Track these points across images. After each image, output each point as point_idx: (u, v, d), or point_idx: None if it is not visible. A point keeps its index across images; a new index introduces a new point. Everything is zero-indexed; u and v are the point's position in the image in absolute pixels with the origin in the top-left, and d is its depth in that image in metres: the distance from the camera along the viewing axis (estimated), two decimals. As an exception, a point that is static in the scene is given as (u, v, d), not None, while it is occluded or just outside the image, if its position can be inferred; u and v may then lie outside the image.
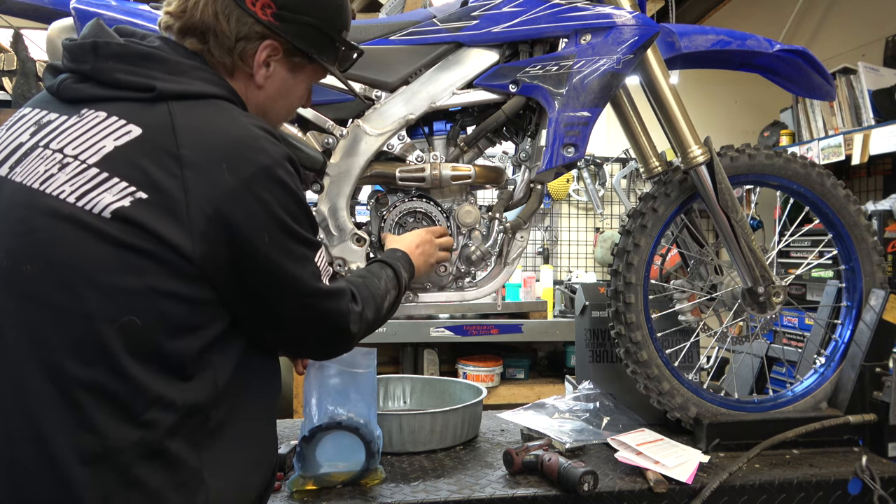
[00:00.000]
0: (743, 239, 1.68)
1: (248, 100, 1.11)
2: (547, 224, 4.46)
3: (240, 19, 1.05)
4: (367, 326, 1.17)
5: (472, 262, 1.60)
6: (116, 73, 0.97)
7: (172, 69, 0.99)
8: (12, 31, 3.18)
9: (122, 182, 0.90)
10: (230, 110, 1.00)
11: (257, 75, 1.09)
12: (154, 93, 0.95)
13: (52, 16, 1.44)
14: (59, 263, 0.88)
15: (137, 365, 0.88)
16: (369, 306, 1.17)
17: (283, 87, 1.14)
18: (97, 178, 0.90)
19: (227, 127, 0.97)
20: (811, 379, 1.83)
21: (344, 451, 1.40)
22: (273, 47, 1.08)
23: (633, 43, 1.55)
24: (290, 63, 1.13)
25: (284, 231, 0.98)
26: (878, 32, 3.45)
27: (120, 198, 0.89)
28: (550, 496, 1.40)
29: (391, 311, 1.31)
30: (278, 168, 0.97)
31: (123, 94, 0.96)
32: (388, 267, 1.34)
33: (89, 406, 0.86)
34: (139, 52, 0.99)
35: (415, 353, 3.73)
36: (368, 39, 1.57)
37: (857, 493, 1.51)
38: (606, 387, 1.88)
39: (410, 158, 1.58)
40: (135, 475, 0.87)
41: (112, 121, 0.94)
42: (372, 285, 1.23)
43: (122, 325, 0.87)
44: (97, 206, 0.89)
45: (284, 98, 1.17)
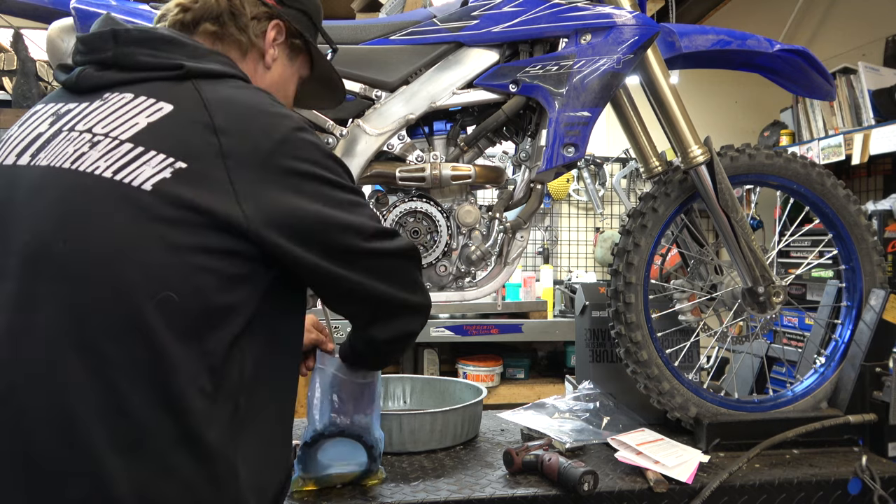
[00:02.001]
0: (743, 239, 1.68)
1: (256, 82, 1.14)
2: (547, 224, 4.47)
3: (250, 1, 1.13)
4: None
5: (472, 261, 1.60)
6: (140, 56, 0.98)
7: (193, 53, 1.01)
8: (12, 31, 3.18)
9: (159, 154, 0.89)
10: (248, 86, 1.04)
11: (267, 55, 1.16)
12: (183, 70, 0.97)
13: (52, 16, 1.44)
14: (96, 239, 0.87)
15: (177, 344, 0.86)
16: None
17: (284, 73, 1.20)
18: (133, 153, 0.90)
19: (252, 98, 0.99)
20: (811, 379, 1.83)
21: (345, 453, 1.40)
22: (279, 28, 1.16)
23: (633, 43, 1.55)
24: (290, 47, 1.20)
25: (327, 183, 0.99)
26: (878, 32, 3.45)
27: (160, 170, 0.88)
28: (550, 496, 1.40)
29: None
30: (303, 131, 1.00)
31: (148, 76, 0.97)
32: None
33: (125, 389, 0.84)
34: (161, 37, 1.01)
35: (415, 353, 3.73)
36: (368, 39, 1.57)
37: (857, 493, 1.51)
38: (606, 387, 1.88)
39: (410, 158, 1.58)
40: (170, 464, 0.85)
41: (141, 100, 0.94)
42: None
43: (161, 301, 0.86)
44: (137, 179, 0.88)
45: (283, 88, 1.21)
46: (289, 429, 1.07)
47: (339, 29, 1.57)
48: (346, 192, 1.02)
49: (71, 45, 1.41)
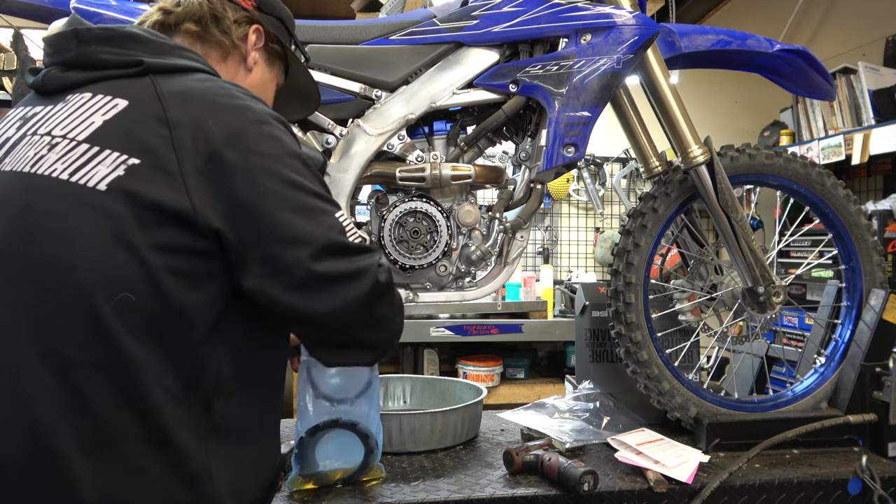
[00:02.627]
0: (743, 239, 1.68)
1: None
2: (547, 224, 4.47)
3: (230, 5, 1.15)
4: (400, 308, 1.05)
5: (472, 261, 1.60)
6: (100, 54, 0.97)
7: (156, 49, 1.00)
8: (12, 30, 3.18)
9: (114, 152, 0.89)
10: (212, 77, 1.01)
11: (249, 57, 1.17)
12: (142, 66, 0.96)
13: (52, 16, 1.44)
14: (54, 242, 0.87)
15: (137, 345, 0.86)
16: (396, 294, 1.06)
17: (263, 77, 1.21)
18: (89, 153, 0.90)
19: (211, 88, 0.96)
20: (811, 379, 1.83)
21: (342, 448, 1.40)
22: (259, 32, 1.17)
23: (633, 43, 1.55)
24: (268, 52, 1.21)
25: (285, 182, 0.93)
26: (878, 32, 3.45)
27: (114, 168, 0.88)
28: (550, 496, 1.40)
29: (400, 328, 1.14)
30: (266, 125, 0.95)
31: (108, 73, 0.97)
32: None
33: (89, 390, 0.84)
34: (122, 34, 1.00)
35: (415, 353, 3.73)
36: (368, 39, 1.57)
37: (857, 493, 1.51)
38: (606, 387, 1.88)
39: (410, 158, 1.58)
40: (138, 465, 0.85)
41: (98, 98, 0.94)
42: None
43: (119, 302, 0.85)
44: (92, 180, 0.88)
45: (263, 92, 1.21)
46: (274, 432, 1.05)
47: (339, 29, 1.57)
48: (305, 194, 0.95)
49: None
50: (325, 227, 0.95)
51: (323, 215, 0.96)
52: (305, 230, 0.93)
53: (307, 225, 0.93)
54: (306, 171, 0.97)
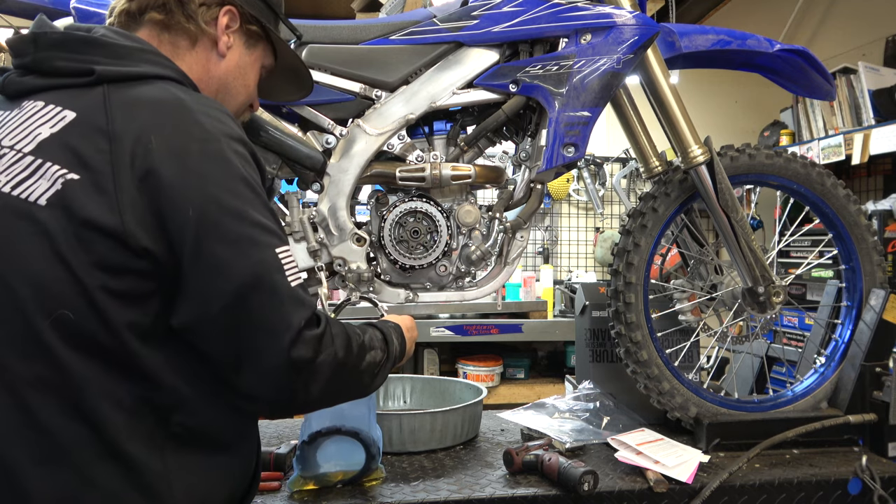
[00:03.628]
0: (743, 239, 1.68)
1: (209, 73, 1.10)
2: (547, 224, 4.46)
3: None
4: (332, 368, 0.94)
5: (473, 261, 1.60)
6: (55, 61, 0.96)
7: (114, 52, 0.97)
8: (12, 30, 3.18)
9: (55, 166, 0.88)
10: (169, 87, 0.96)
11: (220, 42, 1.09)
12: (93, 76, 0.94)
13: (53, 16, 1.44)
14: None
15: (80, 360, 0.85)
16: (339, 342, 0.97)
17: (241, 61, 1.14)
18: (32, 166, 0.89)
19: (162, 99, 0.93)
20: (811, 379, 1.83)
21: (344, 452, 1.40)
22: (232, 13, 1.10)
23: (633, 43, 1.55)
24: (246, 34, 1.14)
25: (221, 209, 0.88)
26: (878, 32, 3.45)
27: (53, 182, 0.87)
28: (550, 496, 1.40)
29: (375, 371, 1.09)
30: (217, 142, 0.91)
31: (62, 82, 0.95)
32: (375, 329, 1.16)
33: (37, 404, 0.84)
34: (79, 39, 0.97)
35: (415, 353, 3.73)
36: (368, 39, 1.57)
37: (857, 493, 1.51)
38: (606, 386, 1.88)
39: (410, 158, 1.58)
40: (92, 477, 0.85)
41: (48, 108, 0.93)
42: (351, 329, 1.04)
43: (56, 319, 0.84)
44: (33, 194, 0.87)
45: (241, 77, 1.15)
46: (246, 440, 1.02)
47: (339, 29, 1.57)
48: (241, 222, 0.89)
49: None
50: (253, 261, 0.89)
51: (254, 248, 0.89)
52: (231, 262, 0.87)
53: (234, 257, 0.88)
54: (251, 198, 0.92)
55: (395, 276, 1.62)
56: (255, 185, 0.94)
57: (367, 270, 1.56)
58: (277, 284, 0.90)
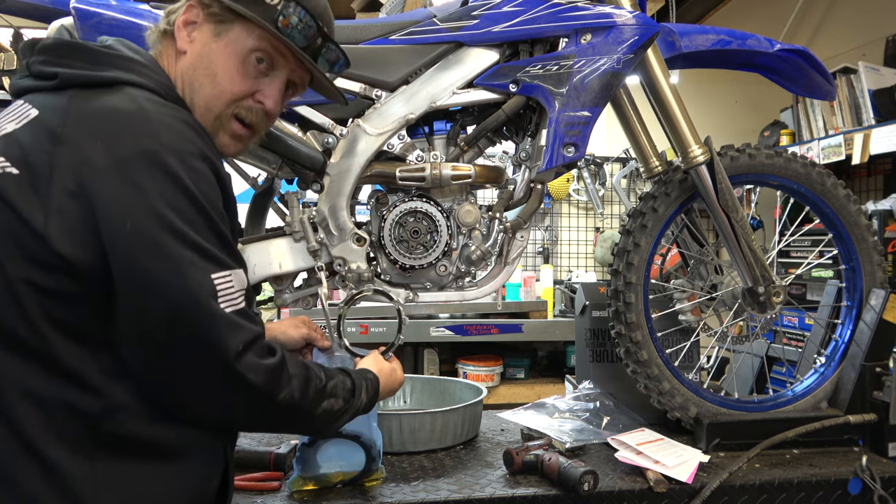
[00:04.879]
0: (743, 238, 1.68)
1: (175, 71, 1.08)
2: (547, 224, 4.46)
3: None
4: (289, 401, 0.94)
5: (473, 261, 1.60)
6: (37, 64, 0.99)
7: (93, 59, 0.99)
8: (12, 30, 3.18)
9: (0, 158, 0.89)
10: (135, 94, 0.96)
11: (179, 39, 1.08)
12: (55, 80, 0.96)
13: (53, 15, 1.44)
14: None
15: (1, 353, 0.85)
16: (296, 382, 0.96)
17: (204, 52, 1.07)
18: None
19: (119, 108, 0.92)
20: (811, 379, 1.83)
21: (344, 453, 1.40)
22: (193, 6, 1.08)
23: (633, 42, 1.55)
24: (212, 21, 1.07)
25: (161, 226, 0.86)
26: (878, 32, 3.45)
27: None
28: (550, 496, 1.40)
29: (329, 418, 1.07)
30: (168, 155, 0.88)
31: (39, 84, 0.98)
32: (348, 378, 1.14)
33: None
34: (66, 45, 1.01)
35: (415, 353, 3.73)
36: (368, 39, 1.57)
37: (857, 493, 1.51)
38: (606, 386, 1.88)
39: (410, 158, 1.58)
40: (7, 475, 0.84)
41: (23, 107, 0.96)
42: (313, 373, 1.04)
43: None
44: None
45: (206, 66, 1.07)
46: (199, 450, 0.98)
47: (339, 29, 1.57)
48: (179, 242, 0.87)
49: (71, 44, 1.41)
50: (188, 283, 0.87)
51: (192, 269, 0.87)
52: (165, 281, 0.86)
53: (169, 277, 0.86)
54: (194, 217, 0.89)
55: (395, 276, 1.62)
56: (204, 205, 0.91)
57: (367, 270, 1.56)
58: (212, 309, 0.88)
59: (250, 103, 1.10)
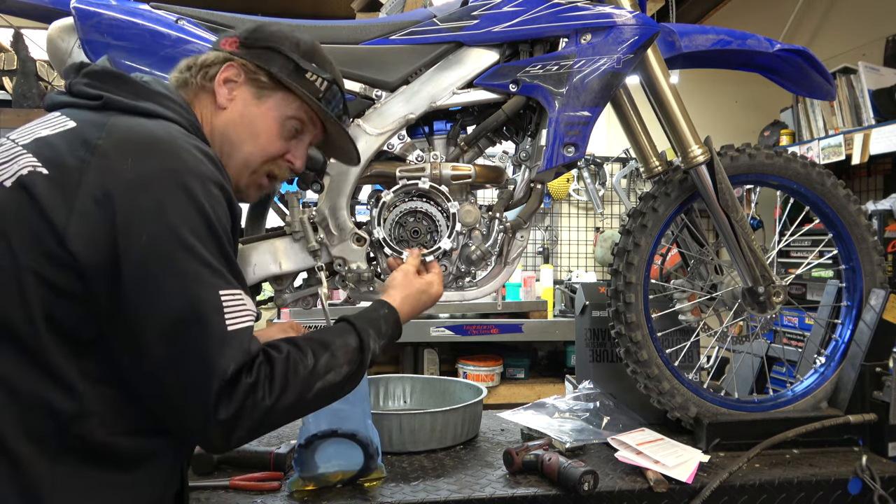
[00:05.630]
0: (743, 238, 1.68)
1: (211, 125, 1.16)
2: (547, 224, 4.47)
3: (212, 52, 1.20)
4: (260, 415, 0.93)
5: (473, 261, 1.60)
6: (81, 86, 1.05)
7: (134, 90, 1.06)
8: (12, 30, 3.18)
9: (31, 157, 0.93)
10: (170, 127, 1.03)
11: (218, 95, 1.16)
12: (101, 101, 1.02)
13: (53, 15, 1.44)
14: None
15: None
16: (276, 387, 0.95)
17: (246, 112, 1.16)
18: (13, 154, 0.95)
19: (153, 131, 0.99)
20: (811, 379, 1.83)
21: (343, 453, 1.40)
22: (233, 67, 1.16)
23: (633, 42, 1.55)
24: (254, 85, 1.18)
25: (175, 240, 0.90)
26: (878, 32, 3.45)
27: (21, 168, 0.92)
28: (550, 496, 1.40)
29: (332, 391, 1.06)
30: (190, 178, 0.94)
31: (79, 102, 1.04)
32: (352, 334, 1.12)
33: None
34: (112, 74, 1.07)
35: (415, 353, 3.73)
36: (368, 39, 1.57)
37: (857, 493, 1.51)
38: (606, 386, 1.88)
39: (411, 158, 1.58)
40: None
41: (58, 117, 1.01)
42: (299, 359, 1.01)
43: None
44: (3, 176, 0.93)
45: (248, 125, 1.16)
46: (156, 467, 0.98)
47: (339, 29, 1.57)
48: (190, 258, 0.90)
49: (71, 44, 1.41)
50: (193, 297, 0.90)
51: (199, 284, 0.91)
52: (171, 293, 0.89)
53: (176, 289, 0.89)
54: (208, 237, 0.93)
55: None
56: (217, 227, 0.95)
57: (367, 270, 1.56)
58: (213, 324, 0.90)
59: (282, 162, 1.23)
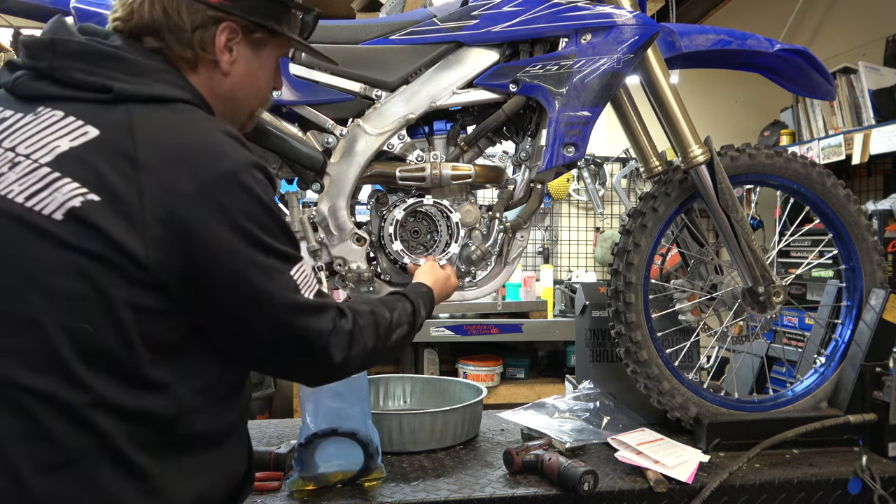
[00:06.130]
0: (743, 238, 1.68)
1: (214, 92, 1.07)
2: (547, 224, 4.46)
3: (189, 8, 1.02)
4: (362, 354, 1.07)
5: (473, 261, 1.60)
6: (73, 71, 0.94)
7: (132, 69, 0.96)
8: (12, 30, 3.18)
9: (73, 183, 0.87)
10: (193, 114, 0.98)
11: (221, 62, 1.06)
12: (111, 94, 0.93)
13: (52, 15, 1.42)
14: (2, 265, 0.86)
15: (90, 373, 0.85)
16: (367, 333, 1.08)
17: (248, 69, 1.10)
18: (48, 178, 0.88)
19: (188, 131, 0.94)
20: (811, 378, 1.83)
21: (343, 452, 1.40)
22: (231, 28, 1.05)
23: (633, 42, 1.55)
24: (251, 42, 1.09)
25: (249, 241, 0.93)
26: (878, 32, 3.45)
27: (71, 198, 0.86)
28: (550, 496, 1.40)
29: (399, 345, 1.20)
30: (242, 174, 0.93)
31: (81, 95, 0.94)
32: (407, 301, 1.25)
33: (42, 414, 0.83)
34: (98, 51, 0.96)
35: (415, 353, 3.73)
36: (368, 39, 1.57)
37: (857, 493, 1.51)
38: (606, 386, 1.88)
39: (411, 158, 1.58)
40: (97, 483, 0.85)
41: (69, 121, 0.91)
42: (380, 313, 1.14)
43: (74, 332, 0.84)
44: (47, 207, 0.86)
45: (252, 82, 1.12)
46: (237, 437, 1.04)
47: (339, 29, 1.57)
48: (268, 254, 0.95)
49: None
50: (278, 286, 0.96)
51: (278, 275, 0.96)
52: (259, 289, 0.94)
53: (262, 284, 0.94)
54: (274, 227, 0.97)
55: (396, 275, 1.61)
56: (274, 210, 0.98)
57: (367, 270, 1.56)
58: (300, 302, 0.98)
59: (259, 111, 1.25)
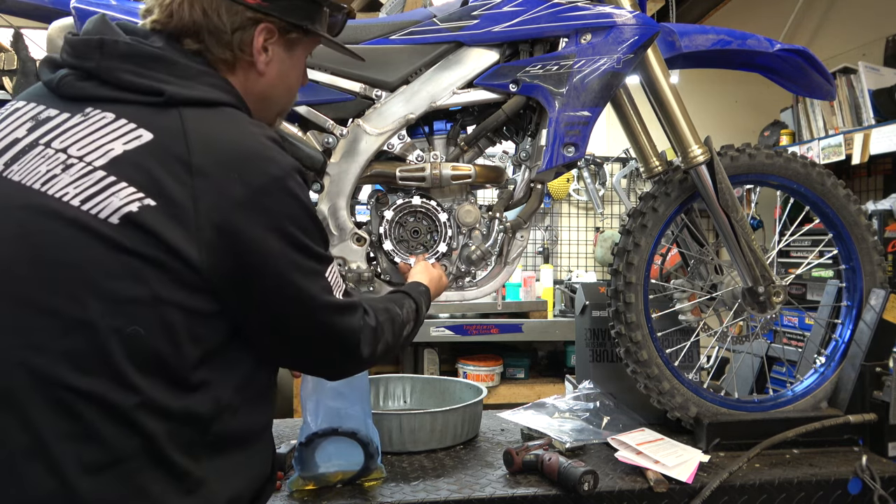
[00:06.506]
0: (743, 238, 1.68)
1: (249, 91, 1.08)
2: (547, 224, 4.46)
3: (229, 10, 1.02)
4: (384, 349, 1.13)
5: (473, 261, 1.60)
6: (122, 73, 0.94)
7: (180, 73, 0.97)
8: (12, 30, 3.18)
9: (130, 187, 0.87)
10: (240, 119, 0.99)
11: (258, 62, 1.07)
12: (163, 97, 0.93)
13: (53, 15, 1.44)
14: (59, 268, 0.86)
15: (139, 375, 0.86)
16: (386, 329, 1.14)
17: (282, 69, 1.11)
18: (104, 182, 0.88)
19: (239, 136, 0.95)
20: (811, 378, 1.83)
21: (343, 452, 1.40)
22: (268, 30, 1.06)
23: (633, 42, 1.55)
24: (286, 42, 1.10)
25: (294, 245, 0.96)
26: (878, 32, 3.45)
27: (127, 202, 0.87)
28: (550, 496, 1.40)
29: (406, 342, 1.25)
30: (289, 179, 0.95)
31: (131, 97, 0.94)
32: (410, 299, 1.30)
33: (90, 416, 0.84)
34: (147, 54, 0.96)
35: (415, 353, 3.73)
36: (368, 39, 1.57)
37: (857, 493, 1.51)
38: (606, 386, 1.88)
39: (411, 158, 1.58)
40: (140, 484, 0.86)
41: (121, 123, 0.91)
42: (393, 311, 1.19)
43: (127, 335, 0.85)
44: (104, 211, 0.87)
45: (284, 80, 1.14)
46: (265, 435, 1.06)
47: (339, 29, 1.57)
48: (310, 257, 0.99)
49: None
50: (314, 289, 1.00)
51: (315, 277, 1.00)
52: (298, 290, 0.97)
53: (302, 287, 0.98)
54: (314, 231, 1.00)
55: (395, 276, 1.62)
56: (314, 213, 1.01)
57: (367, 270, 1.56)
58: (333, 302, 1.02)
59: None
